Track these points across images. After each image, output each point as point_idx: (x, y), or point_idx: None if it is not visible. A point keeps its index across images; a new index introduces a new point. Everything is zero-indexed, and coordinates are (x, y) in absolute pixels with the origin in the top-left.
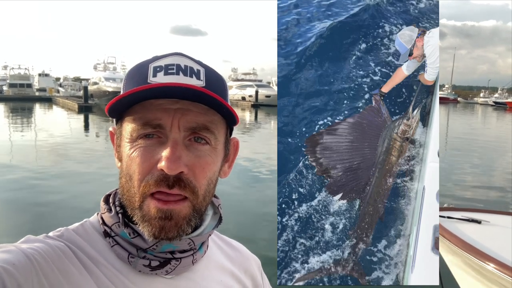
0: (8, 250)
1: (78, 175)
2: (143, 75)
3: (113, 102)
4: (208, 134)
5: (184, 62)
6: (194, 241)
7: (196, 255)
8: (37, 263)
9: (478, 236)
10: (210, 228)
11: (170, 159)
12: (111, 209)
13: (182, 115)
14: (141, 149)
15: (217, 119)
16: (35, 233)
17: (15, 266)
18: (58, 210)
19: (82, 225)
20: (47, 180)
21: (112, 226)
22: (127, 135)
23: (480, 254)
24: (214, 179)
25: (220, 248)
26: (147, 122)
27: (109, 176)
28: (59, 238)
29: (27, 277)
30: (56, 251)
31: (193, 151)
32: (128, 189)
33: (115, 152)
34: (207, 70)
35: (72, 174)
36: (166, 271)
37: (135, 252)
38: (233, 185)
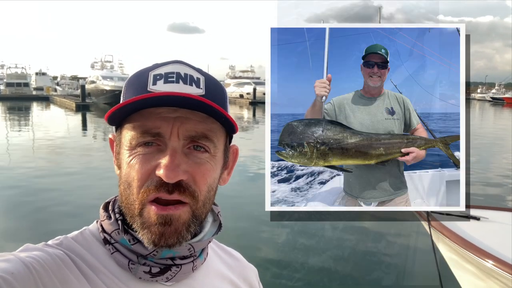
0: (6, 259)
1: (75, 173)
2: (143, 83)
3: (113, 111)
4: (207, 142)
5: (184, 70)
6: (194, 247)
7: (196, 262)
8: (36, 272)
9: (477, 233)
10: (210, 234)
11: (168, 167)
12: (111, 216)
13: (181, 123)
14: (140, 157)
15: (216, 127)
16: (32, 233)
17: (14, 275)
18: (55, 209)
19: (81, 233)
20: (43, 178)
21: (111, 233)
22: (126, 143)
23: (479, 251)
24: (214, 186)
25: (219, 257)
26: (147, 130)
27: (105, 178)
28: (58, 247)
29: (26, 286)
30: (55, 259)
31: (193, 159)
32: (127, 196)
33: (114, 160)
34: (207, 78)
35: (69, 173)
36: (167, 277)
37: (136, 259)
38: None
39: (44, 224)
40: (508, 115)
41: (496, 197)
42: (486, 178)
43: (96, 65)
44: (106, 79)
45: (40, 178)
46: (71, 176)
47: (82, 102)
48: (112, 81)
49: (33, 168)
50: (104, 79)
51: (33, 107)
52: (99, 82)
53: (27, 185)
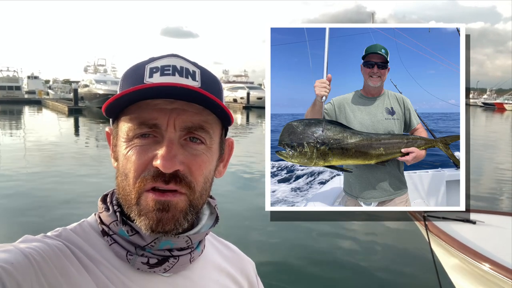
0: (6, 249)
1: (67, 176)
2: (139, 76)
3: (110, 102)
4: (203, 133)
5: (180, 63)
6: (191, 239)
7: (193, 254)
8: (36, 263)
9: (473, 237)
10: (207, 227)
11: (165, 158)
12: (109, 208)
13: (177, 115)
14: (137, 148)
15: (212, 119)
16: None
17: (14, 265)
18: (47, 213)
19: (80, 225)
20: (34, 182)
21: (110, 224)
22: (123, 135)
23: (476, 254)
24: (210, 177)
25: (217, 249)
26: (143, 122)
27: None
28: (57, 238)
29: (26, 276)
30: (55, 250)
31: (189, 150)
32: (123, 187)
33: (111, 152)
34: (203, 71)
35: (61, 175)
36: (164, 269)
37: (134, 250)
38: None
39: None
40: (499, 120)
41: (489, 200)
42: (478, 180)
43: (89, 68)
44: (100, 83)
45: (29, 182)
46: (61, 179)
47: (75, 106)
48: (105, 85)
49: (23, 171)
50: (97, 83)
51: (25, 111)
52: (92, 86)
53: (17, 188)
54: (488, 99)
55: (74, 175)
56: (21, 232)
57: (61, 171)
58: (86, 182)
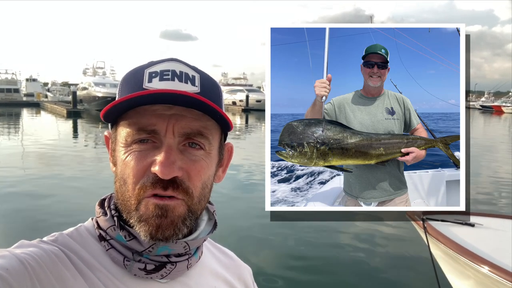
0: (1, 255)
1: (66, 180)
2: (138, 81)
3: (108, 108)
4: (202, 139)
5: (179, 68)
6: (189, 245)
7: (191, 260)
8: (31, 268)
9: (472, 239)
10: (205, 233)
11: (164, 164)
12: (106, 213)
13: (176, 120)
14: (135, 154)
15: (211, 124)
16: (26, 238)
17: (9, 271)
18: (46, 216)
19: (76, 230)
20: (32, 185)
21: (107, 229)
22: (122, 140)
23: (475, 257)
24: (209, 183)
25: (214, 255)
26: (142, 127)
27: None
28: (53, 243)
29: (21, 282)
30: (50, 255)
31: (188, 156)
32: (122, 193)
33: (110, 157)
34: (202, 76)
35: (59, 179)
36: (161, 275)
37: (131, 255)
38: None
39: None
40: (497, 122)
41: (488, 203)
42: (476, 183)
43: (88, 71)
44: (98, 85)
45: (27, 185)
46: (60, 183)
47: (73, 109)
48: (104, 87)
49: (21, 174)
50: (96, 85)
51: (23, 114)
52: (91, 89)
53: (15, 191)
54: (486, 102)
55: (72, 178)
56: (17, 236)
57: (59, 173)
58: (84, 185)
